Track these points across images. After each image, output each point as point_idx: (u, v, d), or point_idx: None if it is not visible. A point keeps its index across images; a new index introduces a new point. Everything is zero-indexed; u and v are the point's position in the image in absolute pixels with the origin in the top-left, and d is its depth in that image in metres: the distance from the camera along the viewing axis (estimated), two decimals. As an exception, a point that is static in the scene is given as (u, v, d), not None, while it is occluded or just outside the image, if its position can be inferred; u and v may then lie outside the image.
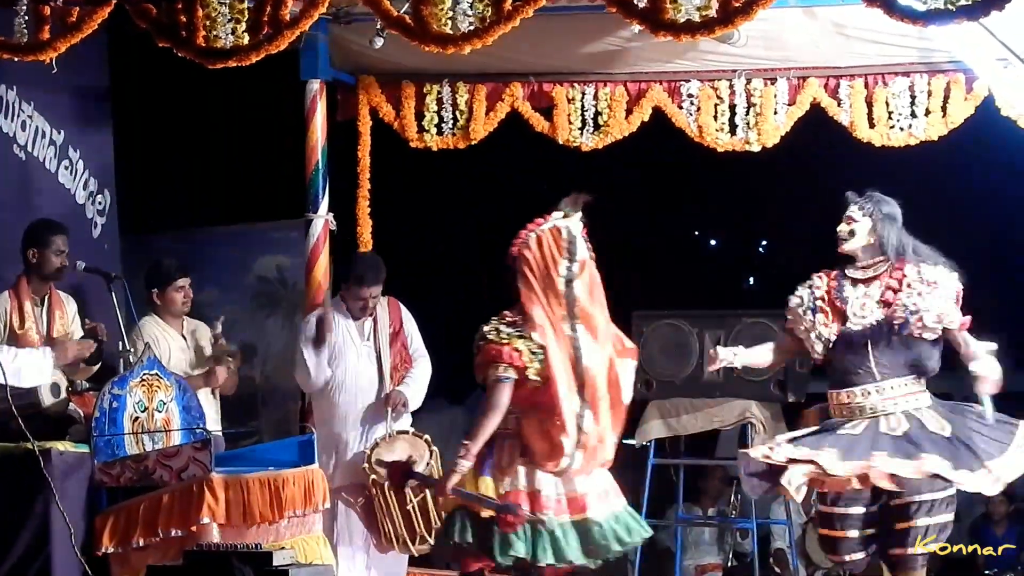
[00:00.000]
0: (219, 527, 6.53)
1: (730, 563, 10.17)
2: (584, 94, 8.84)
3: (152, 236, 9.77)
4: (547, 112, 8.91)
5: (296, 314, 9.16)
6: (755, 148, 8.69)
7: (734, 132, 8.70)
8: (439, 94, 8.91)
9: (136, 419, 6.89)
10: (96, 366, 7.48)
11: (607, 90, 8.82)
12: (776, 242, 16.57)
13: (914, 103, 8.53)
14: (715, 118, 8.71)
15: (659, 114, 8.80)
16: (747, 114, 8.66)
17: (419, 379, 7.89)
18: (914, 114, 8.54)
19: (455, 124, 8.92)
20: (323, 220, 8.61)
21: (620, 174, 12.45)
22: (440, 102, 8.92)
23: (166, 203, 10.58)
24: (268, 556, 6.19)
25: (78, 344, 7.18)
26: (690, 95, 8.72)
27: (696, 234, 17.68)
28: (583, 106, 8.85)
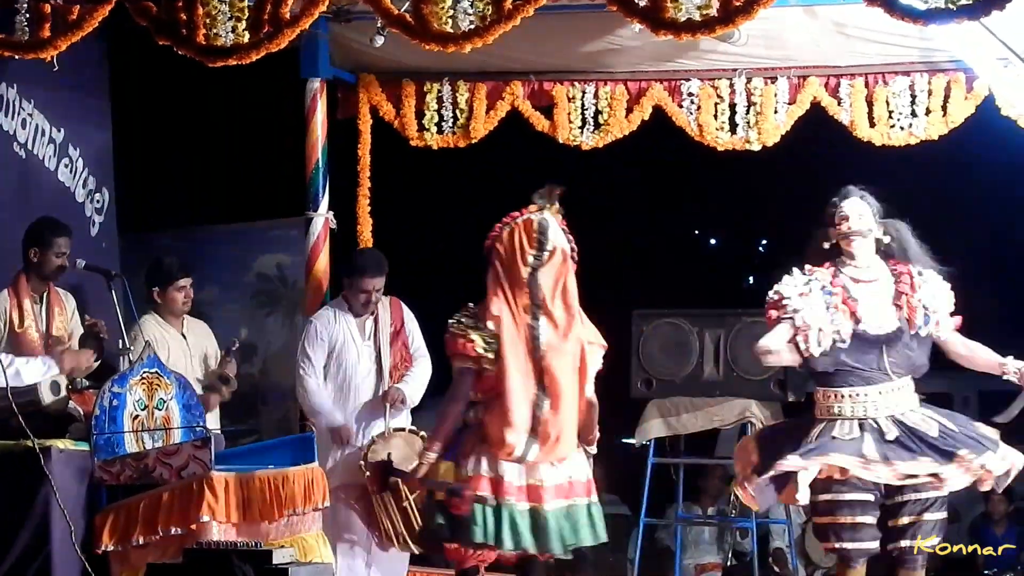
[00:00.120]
0: (219, 525, 6.53)
1: (730, 562, 10.17)
2: (584, 93, 8.84)
3: (152, 234, 9.77)
4: (547, 111, 8.90)
5: (296, 313, 9.16)
6: (755, 147, 8.69)
7: (734, 131, 8.70)
8: (439, 93, 8.91)
9: (136, 417, 6.89)
10: (97, 363, 7.48)
11: (607, 89, 8.82)
12: (776, 241, 16.57)
13: (914, 102, 8.53)
14: (715, 117, 8.71)
15: (659, 113, 8.80)
16: (747, 113, 8.66)
17: (419, 377, 7.89)
18: (914, 113, 8.54)
19: (455, 123, 8.92)
20: (323, 218, 8.60)
21: (620, 173, 12.46)
22: (440, 101, 8.92)
23: (166, 201, 10.58)
24: (268, 554, 6.19)
25: (77, 354, 7.17)
26: (690, 94, 8.71)
27: (696, 233, 17.70)
28: (583, 105, 8.85)
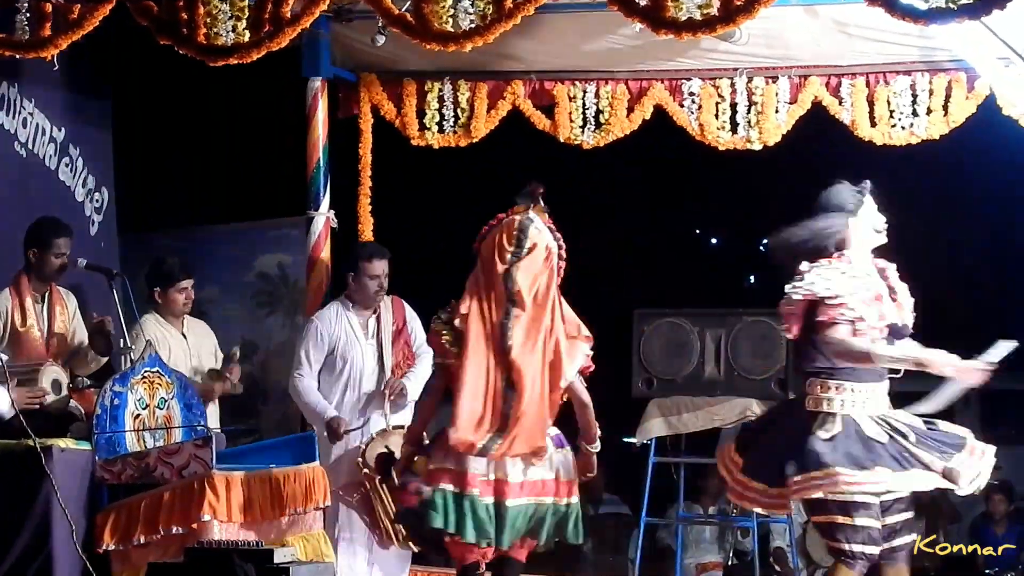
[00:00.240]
0: (220, 524, 6.53)
1: (731, 561, 10.18)
2: (585, 92, 8.83)
3: (153, 234, 9.77)
4: (548, 110, 8.90)
5: (297, 312, 9.16)
6: (756, 147, 8.68)
7: (735, 130, 8.69)
8: (440, 92, 8.90)
9: (137, 416, 6.90)
10: (106, 359, 7.49)
11: (608, 88, 8.81)
12: (777, 241, 16.52)
13: (915, 102, 8.52)
14: (716, 116, 8.70)
15: (660, 112, 8.79)
16: (748, 112, 8.66)
17: (420, 374, 7.87)
18: (915, 113, 8.53)
19: (456, 122, 8.91)
20: (324, 218, 8.60)
21: (621, 172, 12.44)
22: (441, 100, 8.91)
23: (167, 201, 10.57)
24: (269, 554, 6.20)
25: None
26: (691, 93, 8.71)
27: (697, 232, 17.68)
28: (584, 104, 8.84)
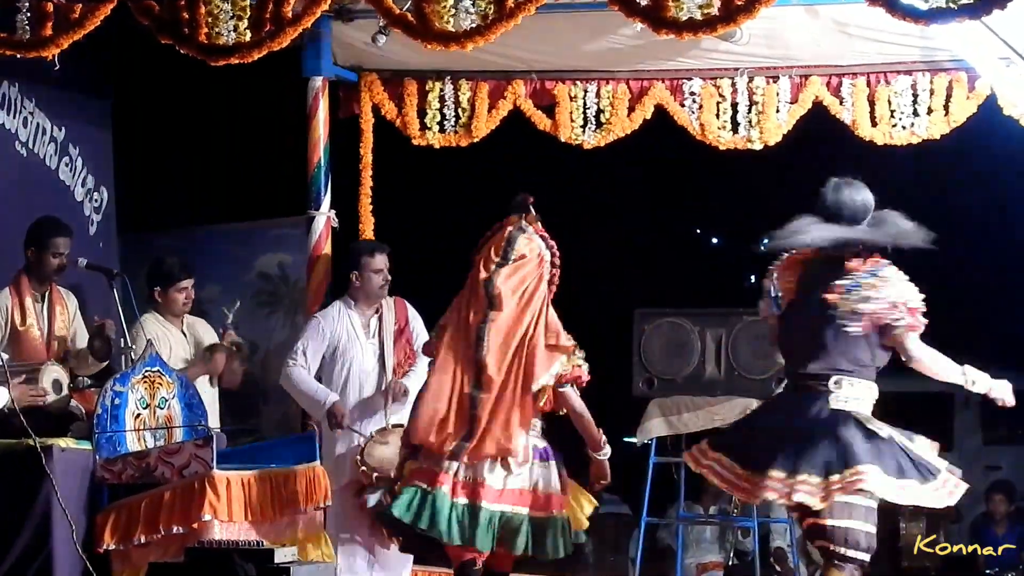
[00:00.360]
0: (221, 524, 6.53)
1: (731, 561, 10.17)
2: (586, 92, 8.83)
3: (153, 234, 9.77)
4: (549, 110, 8.90)
5: (298, 312, 9.16)
6: (757, 146, 8.68)
7: (736, 130, 8.70)
8: (441, 91, 8.90)
9: (138, 416, 6.90)
10: (106, 362, 7.49)
11: (609, 88, 8.82)
12: (777, 241, 16.52)
13: (916, 102, 8.52)
14: (717, 116, 8.70)
15: (661, 112, 8.79)
16: (749, 112, 8.66)
17: (422, 375, 7.86)
18: (916, 113, 8.53)
19: (457, 121, 8.91)
20: (325, 217, 8.60)
21: (622, 172, 12.43)
22: (442, 99, 8.91)
23: (167, 201, 10.57)
24: (270, 553, 6.20)
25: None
26: (692, 93, 8.71)
27: (697, 232, 17.66)
28: (585, 104, 8.84)
